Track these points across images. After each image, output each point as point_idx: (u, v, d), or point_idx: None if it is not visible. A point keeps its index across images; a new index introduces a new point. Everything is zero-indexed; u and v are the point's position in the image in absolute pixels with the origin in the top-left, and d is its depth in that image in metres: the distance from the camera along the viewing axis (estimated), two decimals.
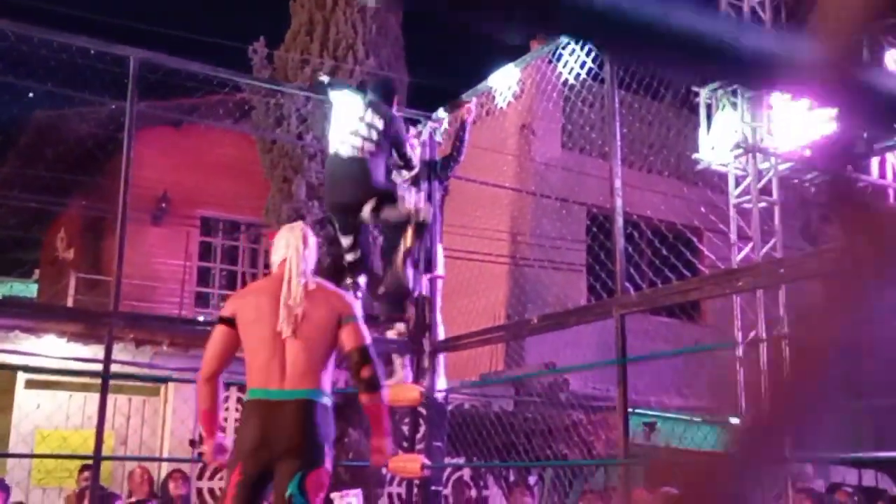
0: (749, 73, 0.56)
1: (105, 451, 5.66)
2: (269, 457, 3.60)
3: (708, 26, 0.51)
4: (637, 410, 9.44)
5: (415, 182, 5.98)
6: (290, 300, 3.70)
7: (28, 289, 16.93)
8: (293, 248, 3.82)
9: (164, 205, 12.80)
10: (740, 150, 9.67)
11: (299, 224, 4.15)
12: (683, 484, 0.42)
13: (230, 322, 3.83)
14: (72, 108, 10.40)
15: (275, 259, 3.90)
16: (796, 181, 10.29)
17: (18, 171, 12.91)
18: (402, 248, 5.70)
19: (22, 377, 9.96)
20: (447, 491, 9.78)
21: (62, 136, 11.82)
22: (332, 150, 5.65)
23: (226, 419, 11.05)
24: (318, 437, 3.65)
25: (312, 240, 3.97)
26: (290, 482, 3.55)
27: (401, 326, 6.08)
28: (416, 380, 6.08)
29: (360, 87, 6.10)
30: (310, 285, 3.77)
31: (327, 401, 3.79)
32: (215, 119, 11.15)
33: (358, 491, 6.56)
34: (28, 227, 15.47)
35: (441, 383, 6.08)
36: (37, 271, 16.99)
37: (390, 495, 10.08)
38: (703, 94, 9.83)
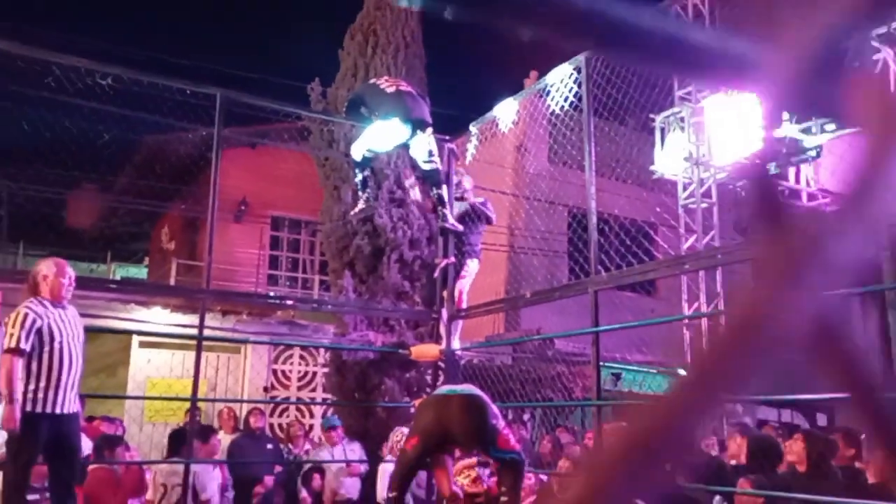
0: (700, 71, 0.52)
1: (199, 396, 5.71)
2: None
3: (659, 25, 0.48)
4: (606, 364, 9.44)
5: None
6: None
7: (140, 272, 17.06)
8: None
9: (243, 207, 12.85)
10: (687, 163, 9.61)
11: None
12: (638, 416, 0.42)
13: None
14: (173, 133, 10.45)
15: None
16: (730, 186, 10.22)
17: (133, 181, 13.00)
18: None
19: (136, 339, 10.07)
20: None
21: (166, 155, 11.89)
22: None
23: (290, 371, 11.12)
24: None
25: None
26: None
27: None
28: (437, 341, 6.09)
29: None
30: None
31: None
32: (282, 141, 11.20)
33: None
34: (140, 224, 15.59)
35: (456, 343, 6.09)
36: (146, 259, 17.11)
37: None
38: (658, 119, 9.78)
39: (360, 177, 5.63)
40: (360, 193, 5.72)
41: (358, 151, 5.49)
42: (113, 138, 6.05)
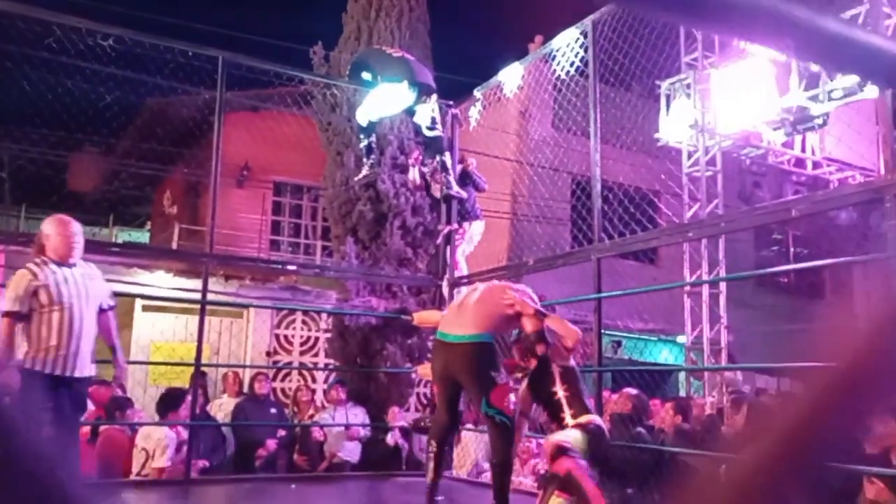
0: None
1: (202, 360, 5.74)
2: None
3: None
4: (608, 332, 9.48)
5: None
6: None
7: (143, 236, 17.07)
8: None
9: (245, 172, 12.80)
10: (692, 131, 9.54)
11: None
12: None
13: None
14: (175, 96, 10.37)
15: None
16: (735, 155, 10.16)
17: (135, 144, 12.95)
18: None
19: (139, 303, 10.12)
20: None
21: (168, 118, 11.82)
22: None
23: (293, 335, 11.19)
24: None
25: None
26: None
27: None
28: (440, 307, 6.11)
29: None
30: None
31: None
32: (284, 105, 11.10)
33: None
34: (142, 188, 15.56)
35: None
36: (149, 223, 17.11)
37: (418, 395, 10.21)
38: (664, 85, 9.68)
39: (364, 142, 5.59)
40: (364, 159, 5.69)
41: (363, 116, 5.46)
42: (115, 100, 6.01)
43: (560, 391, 3.75)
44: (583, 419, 3.65)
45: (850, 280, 13.28)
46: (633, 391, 5.31)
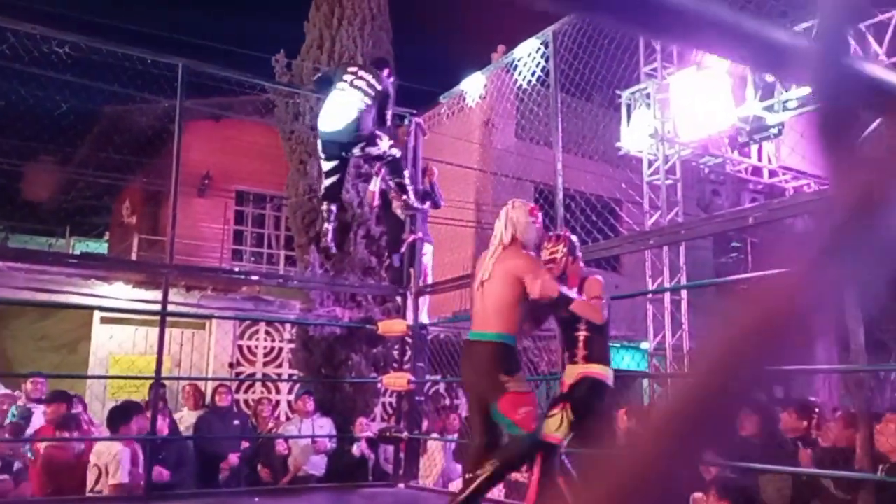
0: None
1: (163, 373, 5.63)
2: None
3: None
4: None
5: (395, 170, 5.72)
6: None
7: (101, 247, 16.72)
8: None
9: (206, 181, 12.64)
10: (652, 140, 9.69)
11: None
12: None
13: None
14: (134, 104, 10.22)
15: None
16: (694, 163, 10.34)
17: (93, 153, 12.70)
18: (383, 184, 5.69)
19: (97, 315, 9.90)
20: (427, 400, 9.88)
21: (127, 126, 11.63)
22: (335, 90, 5.22)
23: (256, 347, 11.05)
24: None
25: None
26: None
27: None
28: (405, 316, 6.09)
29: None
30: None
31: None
32: (246, 114, 11.01)
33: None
34: (100, 197, 15.26)
35: (423, 318, 6.11)
36: (107, 233, 16.77)
37: (384, 404, 10.16)
38: (625, 95, 9.82)
39: (324, 208, 5.66)
40: (324, 221, 5.71)
41: (327, 122, 5.44)
42: (71, 108, 5.89)
43: (582, 332, 3.69)
44: (595, 368, 3.67)
45: None
46: None
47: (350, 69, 5.36)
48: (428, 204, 6.24)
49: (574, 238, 4.02)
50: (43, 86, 5.33)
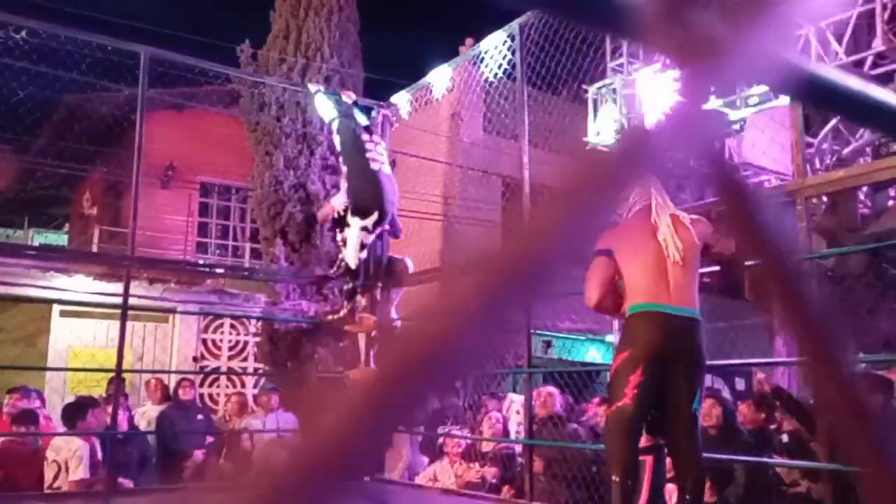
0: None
1: (125, 367, 5.54)
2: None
3: None
4: (538, 332, 9.61)
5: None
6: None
7: (60, 238, 16.37)
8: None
9: (170, 172, 12.44)
10: (618, 135, 9.78)
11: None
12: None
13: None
14: (94, 92, 9.99)
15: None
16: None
17: (52, 142, 12.41)
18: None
19: (56, 308, 9.71)
20: None
21: (87, 115, 11.39)
22: (374, 166, 5.19)
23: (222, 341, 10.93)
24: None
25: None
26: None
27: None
28: (372, 311, 6.01)
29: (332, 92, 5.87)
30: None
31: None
32: (210, 104, 10.85)
33: None
34: (59, 188, 14.92)
35: (392, 313, 6.08)
36: (67, 225, 16.42)
37: None
38: (591, 90, 9.89)
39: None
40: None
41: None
42: (28, 96, 5.73)
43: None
44: None
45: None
46: (552, 390, 5.42)
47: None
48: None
49: None
50: None
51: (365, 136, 5.38)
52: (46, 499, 4.70)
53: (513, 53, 5.16)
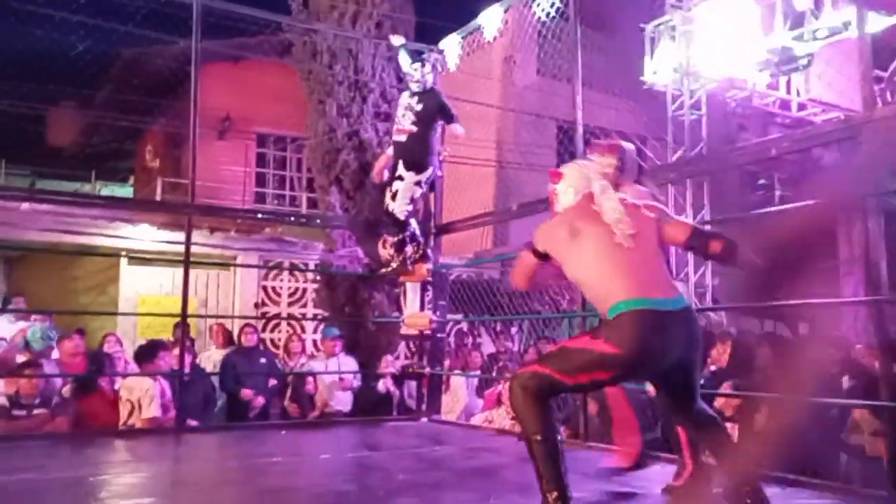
0: None
1: (189, 312, 5.74)
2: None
3: None
4: None
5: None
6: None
7: (125, 191, 16.86)
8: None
9: (226, 123, 12.62)
10: (676, 74, 9.45)
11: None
12: None
13: None
14: (150, 45, 10.12)
15: None
16: (720, 98, 10.09)
17: (112, 97, 12.68)
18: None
19: (125, 257, 10.07)
20: (451, 339, 9.98)
21: (145, 69, 11.57)
22: (396, 137, 5.33)
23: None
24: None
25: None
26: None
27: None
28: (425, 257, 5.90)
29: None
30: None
31: None
32: (264, 54, 10.89)
33: None
34: (122, 142, 15.31)
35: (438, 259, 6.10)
36: (132, 178, 16.89)
37: (407, 342, 10.26)
38: (648, 28, 9.55)
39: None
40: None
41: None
42: (87, 50, 5.84)
43: None
44: None
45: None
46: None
47: None
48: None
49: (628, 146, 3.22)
50: (58, 27, 5.29)
51: (403, 100, 5.33)
52: (121, 435, 4.96)
53: None
